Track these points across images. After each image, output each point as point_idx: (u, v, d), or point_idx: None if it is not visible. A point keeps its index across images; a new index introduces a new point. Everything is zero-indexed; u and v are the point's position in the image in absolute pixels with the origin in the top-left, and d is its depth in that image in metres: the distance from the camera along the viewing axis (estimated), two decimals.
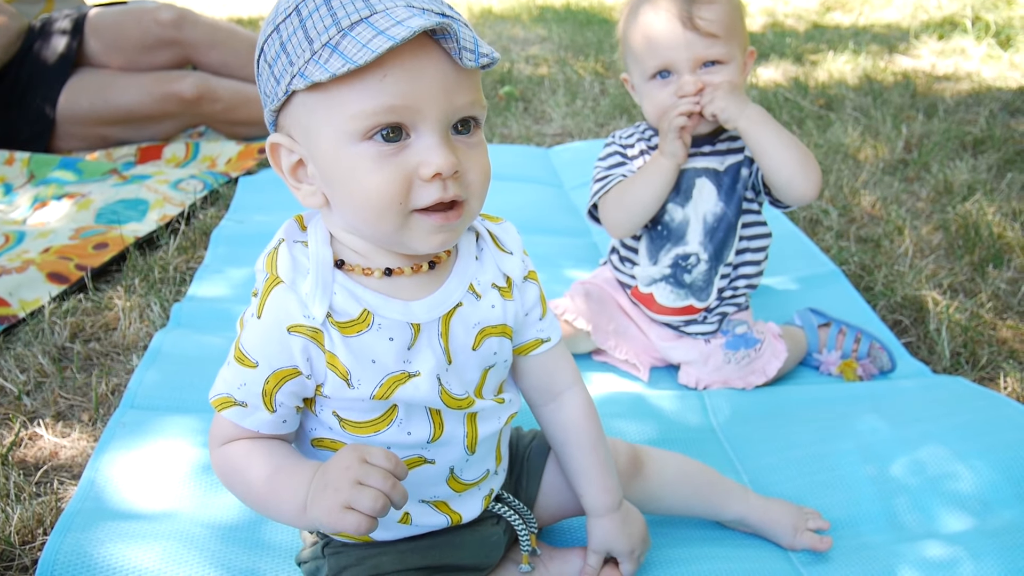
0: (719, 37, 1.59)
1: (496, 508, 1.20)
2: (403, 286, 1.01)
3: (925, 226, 2.46)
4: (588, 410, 1.20)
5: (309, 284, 0.96)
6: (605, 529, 1.21)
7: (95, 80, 2.95)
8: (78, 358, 1.77)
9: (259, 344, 0.97)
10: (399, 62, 0.86)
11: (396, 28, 0.83)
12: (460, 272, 1.06)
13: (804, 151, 1.62)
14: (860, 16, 5.29)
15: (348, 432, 1.04)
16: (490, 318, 1.07)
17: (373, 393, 0.99)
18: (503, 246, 1.11)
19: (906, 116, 3.32)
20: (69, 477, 1.44)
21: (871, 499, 1.45)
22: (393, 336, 0.99)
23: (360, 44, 0.84)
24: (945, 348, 1.86)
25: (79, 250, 2.19)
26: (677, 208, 1.73)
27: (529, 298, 1.13)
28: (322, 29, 0.86)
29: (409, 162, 0.90)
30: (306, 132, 0.93)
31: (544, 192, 2.67)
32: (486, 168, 0.97)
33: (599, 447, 1.20)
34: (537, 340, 1.16)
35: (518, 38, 4.87)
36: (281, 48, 0.89)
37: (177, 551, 1.24)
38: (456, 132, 0.93)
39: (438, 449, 1.08)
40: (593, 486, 1.20)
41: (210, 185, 2.65)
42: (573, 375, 1.21)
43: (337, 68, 0.84)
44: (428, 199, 0.91)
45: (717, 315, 1.80)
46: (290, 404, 1.00)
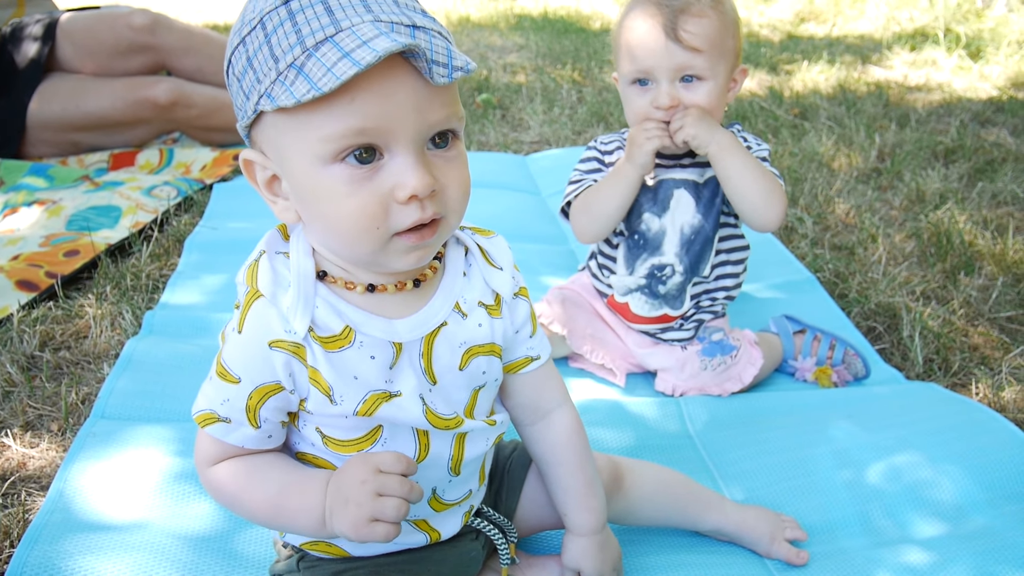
0: (701, 52, 1.59)
1: (476, 523, 1.18)
2: (386, 303, 0.99)
3: (898, 234, 2.49)
4: (576, 429, 1.18)
5: (290, 298, 0.93)
6: (581, 548, 1.19)
7: (67, 85, 2.91)
8: (47, 367, 1.74)
9: (241, 359, 0.95)
10: (367, 84, 0.83)
11: (361, 51, 0.80)
12: (446, 290, 1.03)
13: (769, 182, 1.63)
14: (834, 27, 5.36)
15: (331, 449, 1.02)
16: (477, 337, 1.04)
17: (356, 409, 0.97)
18: (493, 261, 1.08)
19: (879, 126, 3.37)
20: (37, 488, 1.41)
21: (846, 504, 1.46)
22: (375, 355, 0.97)
23: (325, 68, 0.80)
24: (918, 355, 1.88)
25: (49, 257, 2.16)
26: (654, 218, 1.73)
27: (519, 315, 1.10)
28: (287, 47, 0.83)
29: (384, 185, 0.87)
30: (277, 151, 0.90)
31: (522, 199, 2.68)
32: (465, 182, 0.94)
33: (586, 467, 1.18)
34: (527, 358, 1.13)
35: (496, 46, 4.88)
36: (248, 64, 0.86)
37: (148, 563, 1.22)
38: (434, 145, 0.90)
39: (422, 472, 1.05)
40: (578, 506, 1.18)
41: (184, 192, 2.62)
42: (562, 394, 1.18)
43: (302, 94, 0.81)
44: (407, 221, 0.89)
45: (694, 322, 1.81)
46: (275, 419, 0.98)
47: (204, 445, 1.00)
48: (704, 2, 1.59)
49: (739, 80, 1.70)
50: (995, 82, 4.04)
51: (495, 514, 1.21)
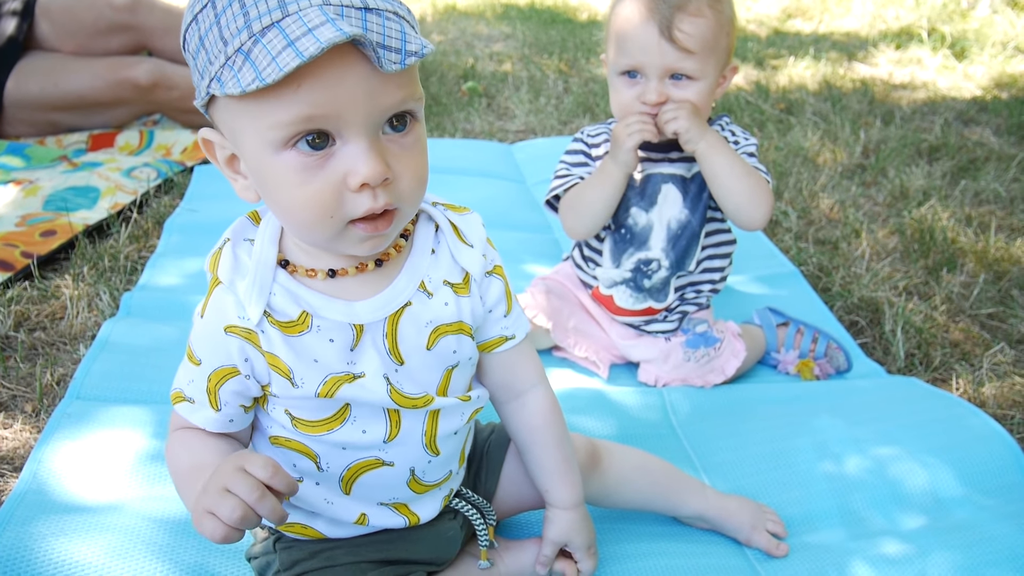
0: (694, 53, 1.56)
1: (455, 503, 1.18)
2: (347, 286, 0.98)
3: (881, 230, 2.50)
4: (552, 408, 1.18)
5: (245, 285, 0.94)
6: (567, 521, 1.19)
7: (45, 64, 2.86)
8: (22, 347, 1.71)
9: (201, 343, 0.97)
10: (313, 71, 0.80)
11: (305, 40, 0.77)
12: (411, 269, 1.02)
13: (756, 182, 1.63)
14: (820, 24, 5.38)
15: (300, 431, 1.02)
16: (443, 316, 1.03)
17: (317, 391, 0.97)
18: (464, 238, 1.06)
19: (864, 122, 3.38)
20: (10, 469, 1.39)
21: (826, 496, 1.46)
22: (333, 338, 0.97)
23: (270, 56, 0.78)
24: (900, 349, 1.89)
25: (25, 237, 2.12)
26: (641, 212, 1.72)
27: (492, 294, 1.09)
28: (235, 30, 0.80)
29: (336, 172, 0.85)
30: (232, 134, 0.89)
31: (506, 187, 2.66)
32: (420, 171, 0.91)
33: (563, 444, 1.19)
34: (501, 338, 1.12)
35: (482, 35, 4.85)
36: (200, 43, 0.83)
37: (123, 545, 1.20)
38: (391, 128, 0.87)
39: (396, 449, 1.05)
40: (559, 481, 1.18)
41: (164, 174, 2.58)
42: (537, 373, 1.18)
43: (248, 83, 0.78)
44: (359, 210, 0.87)
45: (678, 314, 1.80)
46: (234, 403, 0.99)
47: (175, 417, 1.04)
48: (702, 0, 1.56)
49: (728, 77, 1.69)
50: (979, 82, 4.07)
51: (474, 496, 1.21)
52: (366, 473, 1.06)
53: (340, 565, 1.10)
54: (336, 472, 1.05)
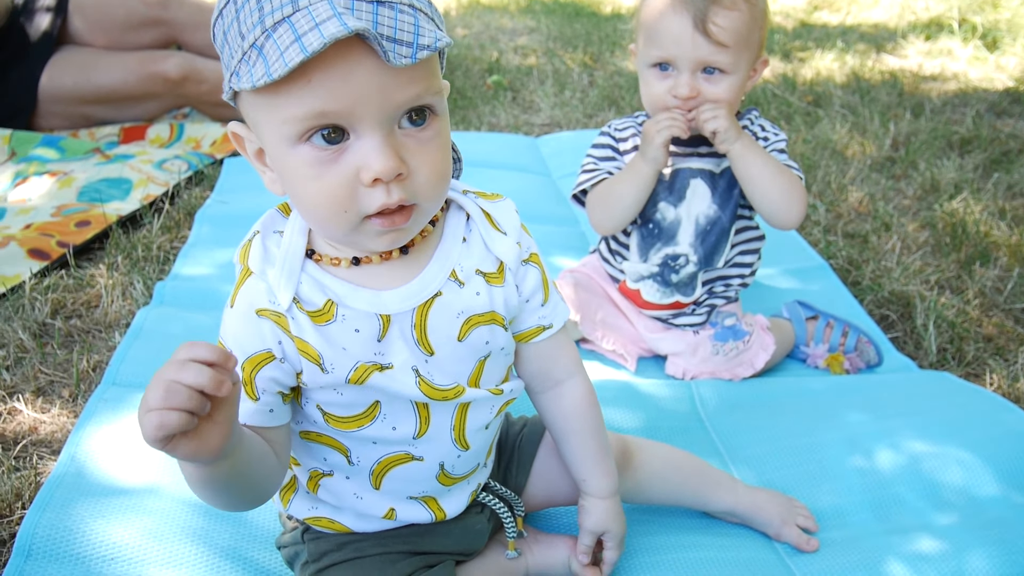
0: (728, 47, 1.55)
1: (482, 497, 1.18)
2: (373, 274, 0.97)
3: (912, 223, 2.47)
4: (590, 397, 1.18)
5: (275, 273, 0.94)
6: (604, 510, 1.19)
7: (78, 58, 2.90)
8: (59, 334, 1.74)
9: (233, 332, 0.95)
10: (324, 66, 0.79)
11: (311, 35, 0.76)
12: (442, 257, 1.00)
13: (790, 183, 1.62)
14: (847, 15, 5.32)
15: (332, 427, 1.02)
16: (475, 306, 1.01)
17: (347, 377, 0.96)
18: (498, 225, 1.04)
19: (893, 114, 3.34)
20: (48, 452, 1.42)
21: (858, 490, 1.45)
22: (359, 328, 0.96)
23: (279, 51, 0.77)
24: (932, 343, 1.87)
25: (61, 227, 2.15)
26: (669, 208, 1.72)
27: (529, 283, 1.07)
28: (251, 25, 0.80)
29: (350, 167, 0.84)
30: (255, 127, 0.89)
31: (532, 180, 2.66)
32: (439, 166, 0.89)
33: (600, 433, 1.19)
34: (539, 327, 1.11)
35: (506, 28, 4.84)
36: (224, 38, 0.84)
37: (158, 528, 1.22)
38: (410, 123, 0.86)
39: (426, 445, 1.05)
40: (595, 470, 1.18)
41: (195, 166, 2.61)
42: (575, 362, 1.17)
43: (258, 78, 0.78)
44: (373, 205, 0.86)
45: (706, 307, 1.80)
46: (272, 390, 0.96)
47: None
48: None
49: (759, 70, 1.68)
50: (1012, 73, 4.00)
51: (502, 488, 1.21)
52: (396, 467, 1.06)
53: (368, 556, 1.11)
54: (367, 466, 1.05)
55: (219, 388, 0.76)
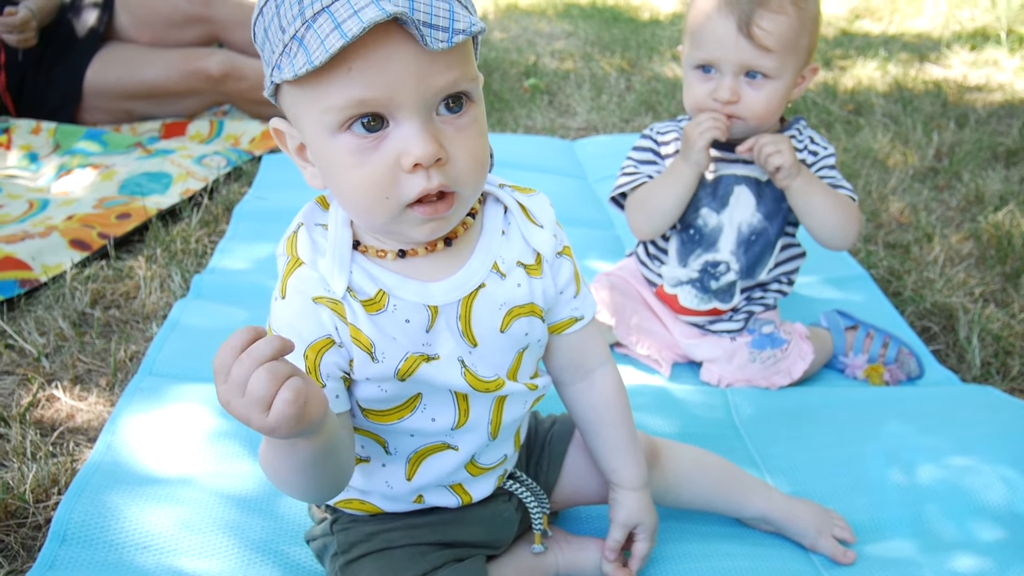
0: (772, 51, 1.52)
1: (508, 485, 1.18)
2: (420, 266, 0.98)
3: (955, 234, 2.42)
4: (620, 386, 1.19)
5: (327, 262, 0.94)
6: (637, 501, 1.19)
7: (123, 54, 2.95)
8: (98, 324, 1.76)
9: (288, 322, 0.95)
10: (363, 53, 0.81)
11: (351, 21, 0.78)
12: (483, 250, 1.01)
13: (848, 212, 1.61)
14: (890, 25, 5.24)
15: (370, 420, 1.02)
16: (517, 297, 1.03)
17: (397, 368, 0.97)
18: (534, 219, 1.05)
19: (937, 124, 3.28)
20: (85, 440, 1.43)
21: (897, 504, 1.42)
22: (409, 318, 0.97)
23: (319, 39, 0.79)
24: (975, 357, 1.83)
25: (102, 219, 2.18)
26: (712, 214, 1.69)
27: (563, 275, 1.09)
28: (291, 17, 0.81)
29: (390, 153, 0.86)
30: (296, 121, 0.91)
31: (568, 183, 2.65)
32: (477, 152, 0.90)
33: (630, 423, 1.19)
34: (571, 319, 1.12)
35: (543, 32, 4.84)
36: (264, 34, 0.85)
37: (191, 518, 1.23)
38: (447, 110, 0.87)
39: (462, 436, 1.06)
40: (627, 460, 1.18)
41: (233, 162, 2.63)
42: (604, 352, 1.18)
43: (299, 67, 0.80)
44: (414, 191, 0.87)
45: (744, 314, 1.77)
46: (336, 376, 0.97)
47: None
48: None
49: (808, 78, 1.64)
50: None
51: (529, 480, 1.21)
52: (431, 456, 1.06)
53: (398, 547, 1.10)
54: (404, 455, 1.06)
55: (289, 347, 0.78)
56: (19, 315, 1.79)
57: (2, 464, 1.37)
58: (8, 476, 1.32)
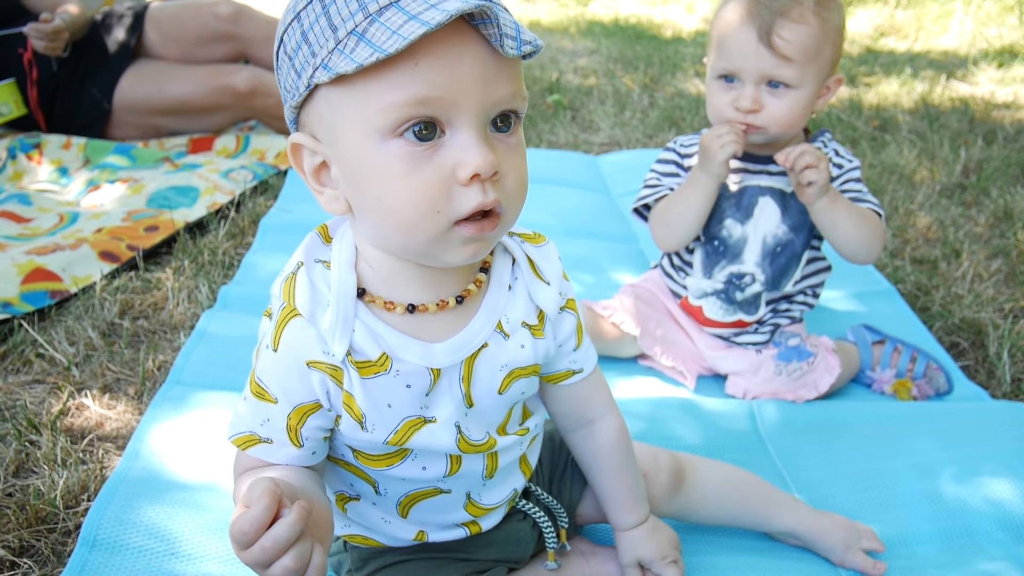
0: (793, 61, 1.52)
1: (521, 505, 1.16)
2: (426, 325, 0.93)
3: (983, 251, 2.39)
4: (619, 437, 1.15)
5: (329, 319, 0.88)
6: (632, 540, 1.18)
7: (152, 71, 3.00)
8: (126, 334, 1.78)
9: (276, 379, 0.90)
10: (432, 49, 0.76)
11: (430, 12, 0.74)
12: (489, 308, 0.96)
13: (872, 228, 1.60)
14: (915, 42, 5.22)
15: (361, 463, 0.99)
16: (519, 359, 0.98)
17: (387, 439, 0.94)
18: (541, 275, 1.00)
19: (964, 141, 3.25)
20: (114, 448, 1.44)
21: (926, 520, 1.40)
22: (411, 383, 0.92)
23: (390, 31, 0.74)
24: (1006, 373, 1.80)
25: (131, 231, 2.21)
26: (736, 225, 1.69)
27: (564, 330, 1.05)
28: (347, 15, 0.77)
29: (445, 164, 0.80)
30: (330, 130, 0.83)
31: (591, 198, 2.65)
32: (523, 174, 0.87)
33: (627, 472, 1.16)
34: (568, 371, 1.09)
35: (566, 49, 4.87)
36: (302, 38, 0.80)
37: (218, 524, 1.24)
38: (495, 129, 0.83)
39: (455, 481, 1.03)
40: (619, 507, 1.17)
41: (260, 176, 2.66)
42: (606, 403, 1.14)
43: (365, 58, 0.75)
44: (468, 206, 0.81)
45: (770, 326, 1.76)
46: (316, 437, 0.94)
47: (239, 461, 0.97)
48: (807, 6, 1.52)
49: (832, 88, 1.63)
50: None
51: (544, 495, 1.19)
52: (423, 500, 1.04)
53: (414, 560, 1.09)
54: (394, 498, 1.04)
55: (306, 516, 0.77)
56: (50, 325, 1.81)
57: (33, 471, 1.38)
58: (39, 482, 1.34)
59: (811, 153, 1.55)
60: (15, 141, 2.77)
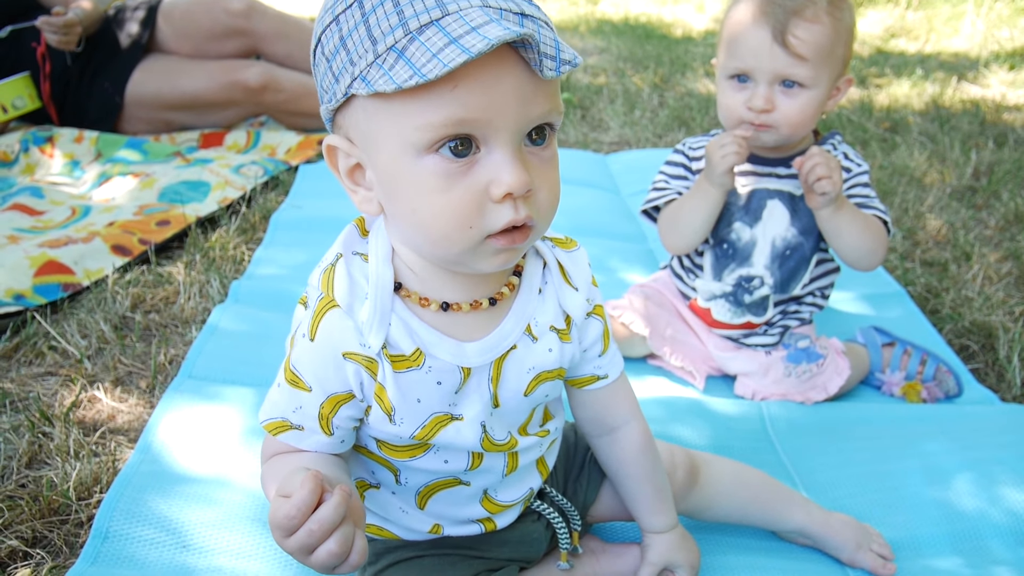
0: (807, 60, 1.52)
1: (536, 505, 1.16)
2: (459, 323, 0.95)
3: (994, 254, 2.38)
4: (645, 443, 1.15)
5: (367, 311, 0.89)
6: (667, 544, 1.18)
7: (164, 66, 3.01)
8: (138, 327, 1.79)
9: (312, 368, 0.91)
10: (472, 73, 0.77)
11: (471, 37, 0.74)
12: (519, 311, 0.98)
13: (874, 236, 1.61)
14: (926, 44, 5.20)
15: (385, 453, 1.01)
16: (546, 363, 1.00)
17: (414, 434, 0.95)
18: (571, 280, 1.02)
19: (975, 143, 3.24)
20: (126, 440, 1.45)
21: (936, 522, 1.40)
22: (442, 380, 0.94)
23: (430, 53, 0.75)
24: (1016, 376, 1.80)
25: (142, 226, 2.22)
26: (745, 228, 1.69)
27: (590, 335, 1.06)
28: (387, 29, 0.77)
29: (479, 181, 0.81)
30: (365, 138, 0.84)
31: (601, 197, 2.65)
32: (556, 187, 0.88)
33: (654, 477, 1.17)
34: (593, 376, 1.10)
35: (576, 47, 4.87)
36: (341, 43, 0.80)
37: (227, 518, 1.25)
38: (531, 142, 0.84)
39: (476, 475, 1.04)
40: (648, 511, 1.18)
41: (271, 171, 2.67)
42: (630, 409, 1.15)
43: (404, 80, 0.75)
44: (500, 222, 0.82)
45: (779, 328, 1.76)
46: (347, 426, 0.95)
47: (267, 445, 0.99)
48: (820, 5, 1.52)
49: (843, 89, 1.63)
50: None
51: (559, 496, 1.19)
52: (442, 491, 1.05)
53: (428, 556, 1.10)
54: (413, 487, 1.05)
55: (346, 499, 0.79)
56: (62, 318, 1.82)
57: (46, 462, 1.39)
58: (52, 474, 1.35)
59: (825, 164, 1.54)
60: (28, 134, 2.79)
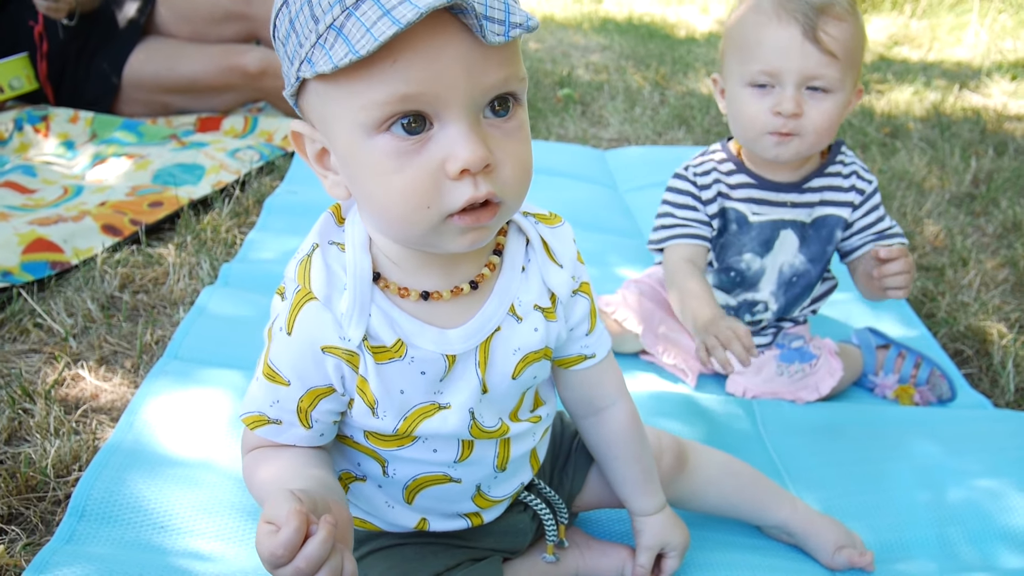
0: (838, 59, 1.46)
1: (524, 497, 1.15)
2: (440, 311, 0.92)
3: (991, 260, 2.37)
4: (632, 423, 1.13)
5: (346, 303, 0.86)
6: (659, 524, 1.17)
7: (162, 48, 2.98)
8: (126, 307, 1.77)
9: (290, 362, 0.89)
10: (410, 44, 0.73)
11: (403, 7, 0.70)
12: (501, 291, 0.95)
13: None
14: (929, 52, 5.19)
15: (372, 443, 0.98)
16: (531, 343, 0.97)
17: (396, 427, 0.93)
18: (555, 257, 0.98)
19: (975, 151, 3.23)
20: (108, 419, 1.43)
21: (923, 525, 1.39)
22: (425, 370, 0.91)
23: (364, 28, 0.71)
24: (1010, 382, 1.79)
25: (134, 206, 2.20)
26: (755, 258, 1.67)
27: (576, 313, 1.02)
28: (327, 6, 0.73)
29: (434, 158, 0.77)
30: (323, 122, 0.81)
31: (598, 191, 2.64)
32: (524, 159, 0.82)
33: (643, 457, 1.15)
34: (580, 356, 1.06)
35: (579, 45, 4.85)
36: (291, 26, 0.77)
37: (209, 500, 1.23)
38: (492, 113, 0.79)
39: (466, 468, 1.01)
40: (636, 493, 1.16)
41: (266, 156, 2.65)
42: (617, 389, 1.12)
43: (340, 58, 0.72)
44: (459, 200, 0.78)
45: (773, 328, 1.75)
46: (327, 420, 0.93)
47: (246, 438, 0.97)
48: (843, 5, 1.48)
49: (855, 100, 1.59)
50: None
51: (547, 488, 1.17)
52: (431, 487, 1.02)
53: (410, 544, 1.08)
54: (401, 480, 1.01)
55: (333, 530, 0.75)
56: (49, 296, 1.80)
57: (25, 439, 1.38)
58: (31, 450, 1.33)
59: (909, 273, 1.54)
60: (22, 113, 2.76)
